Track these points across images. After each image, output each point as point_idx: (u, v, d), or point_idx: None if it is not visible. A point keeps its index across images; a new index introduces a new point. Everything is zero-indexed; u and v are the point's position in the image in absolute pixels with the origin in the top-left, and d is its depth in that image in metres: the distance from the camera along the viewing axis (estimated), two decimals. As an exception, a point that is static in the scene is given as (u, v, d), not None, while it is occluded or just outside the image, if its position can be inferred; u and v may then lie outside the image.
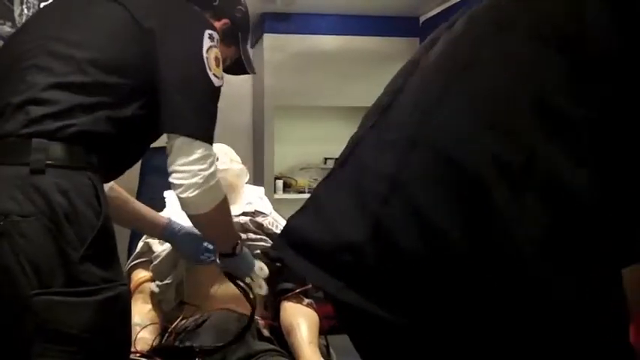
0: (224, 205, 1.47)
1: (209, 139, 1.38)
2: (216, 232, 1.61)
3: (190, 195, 1.35)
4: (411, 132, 0.85)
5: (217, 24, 1.57)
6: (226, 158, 2.10)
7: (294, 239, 0.92)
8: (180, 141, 1.35)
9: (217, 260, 1.69)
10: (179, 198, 1.38)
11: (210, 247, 1.72)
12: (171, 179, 1.37)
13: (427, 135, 0.83)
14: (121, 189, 1.65)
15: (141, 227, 1.88)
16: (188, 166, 1.35)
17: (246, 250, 1.72)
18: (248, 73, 1.81)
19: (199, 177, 1.35)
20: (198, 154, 1.35)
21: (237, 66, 1.75)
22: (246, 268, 1.72)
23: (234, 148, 2.21)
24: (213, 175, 1.37)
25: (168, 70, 1.34)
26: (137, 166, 3.09)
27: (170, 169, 1.37)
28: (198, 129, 1.36)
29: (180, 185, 1.36)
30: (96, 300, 1.16)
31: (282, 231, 0.97)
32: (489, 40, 0.84)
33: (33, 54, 1.31)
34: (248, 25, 1.75)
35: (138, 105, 1.33)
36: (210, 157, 1.37)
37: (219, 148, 2.14)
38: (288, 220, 0.97)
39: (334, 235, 0.86)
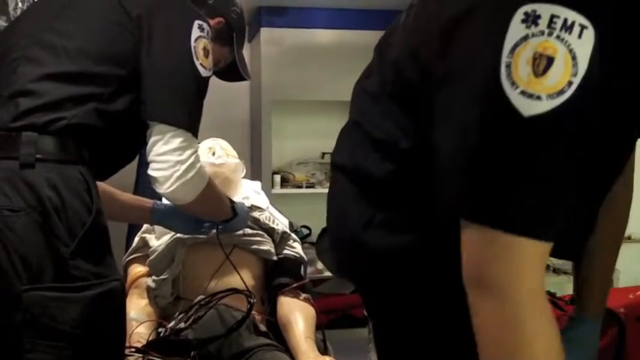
0: (209, 189, 1.42)
1: (191, 129, 1.32)
2: (208, 211, 1.61)
3: (168, 190, 1.31)
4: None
5: (211, 22, 1.54)
6: (223, 152, 2.09)
7: None
8: (159, 129, 1.30)
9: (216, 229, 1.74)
10: (159, 193, 1.33)
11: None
12: (149, 171, 1.32)
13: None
14: (101, 183, 1.62)
15: (130, 217, 1.88)
16: (166, 156, 1.29)
17: (239, 204, 1.75)
18: (243, 79, 1.78)
19: (176, 169, 1.29)
20: (176, 143, 1.29)
21: (232, 71, 1.72)
22: (244, 220, 1.78)
23: (231, 143, 2.19)
24: (192, 166, 1.31)
25: (153, 57, 1.30)
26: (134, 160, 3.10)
27: (148, 159, 1.31)
28: (179, 117, 1.30)
29: (157, 179, 1.31)
30: (87, 295, 1.15)
31: None
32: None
33: (23, 45, 1.30)
34: (244, 28, 1.73)
35: (129, 99, 1.29)
36: (190, 148, 1.31)
37: (216, 143, 2.14)
38: None
39: None
